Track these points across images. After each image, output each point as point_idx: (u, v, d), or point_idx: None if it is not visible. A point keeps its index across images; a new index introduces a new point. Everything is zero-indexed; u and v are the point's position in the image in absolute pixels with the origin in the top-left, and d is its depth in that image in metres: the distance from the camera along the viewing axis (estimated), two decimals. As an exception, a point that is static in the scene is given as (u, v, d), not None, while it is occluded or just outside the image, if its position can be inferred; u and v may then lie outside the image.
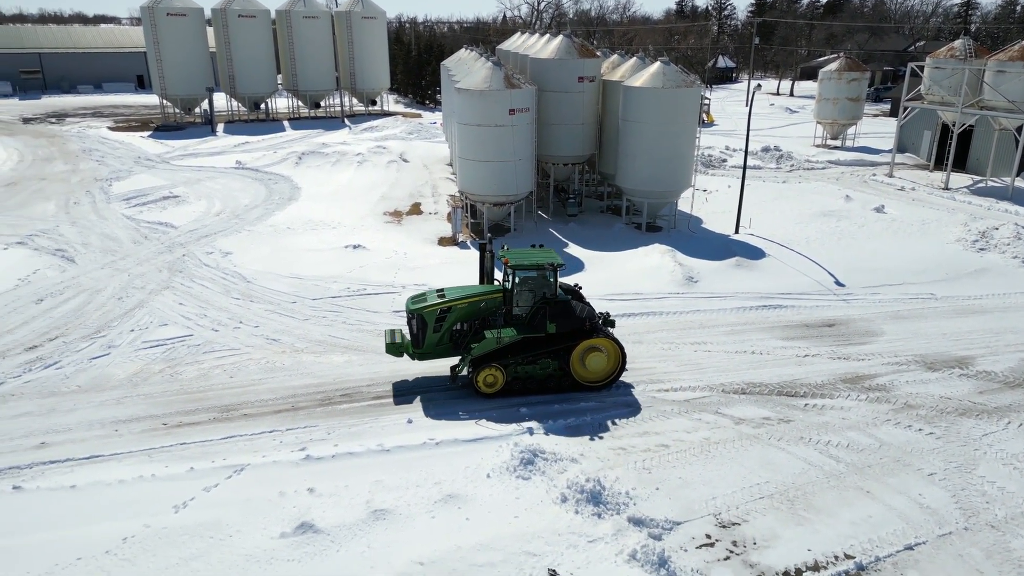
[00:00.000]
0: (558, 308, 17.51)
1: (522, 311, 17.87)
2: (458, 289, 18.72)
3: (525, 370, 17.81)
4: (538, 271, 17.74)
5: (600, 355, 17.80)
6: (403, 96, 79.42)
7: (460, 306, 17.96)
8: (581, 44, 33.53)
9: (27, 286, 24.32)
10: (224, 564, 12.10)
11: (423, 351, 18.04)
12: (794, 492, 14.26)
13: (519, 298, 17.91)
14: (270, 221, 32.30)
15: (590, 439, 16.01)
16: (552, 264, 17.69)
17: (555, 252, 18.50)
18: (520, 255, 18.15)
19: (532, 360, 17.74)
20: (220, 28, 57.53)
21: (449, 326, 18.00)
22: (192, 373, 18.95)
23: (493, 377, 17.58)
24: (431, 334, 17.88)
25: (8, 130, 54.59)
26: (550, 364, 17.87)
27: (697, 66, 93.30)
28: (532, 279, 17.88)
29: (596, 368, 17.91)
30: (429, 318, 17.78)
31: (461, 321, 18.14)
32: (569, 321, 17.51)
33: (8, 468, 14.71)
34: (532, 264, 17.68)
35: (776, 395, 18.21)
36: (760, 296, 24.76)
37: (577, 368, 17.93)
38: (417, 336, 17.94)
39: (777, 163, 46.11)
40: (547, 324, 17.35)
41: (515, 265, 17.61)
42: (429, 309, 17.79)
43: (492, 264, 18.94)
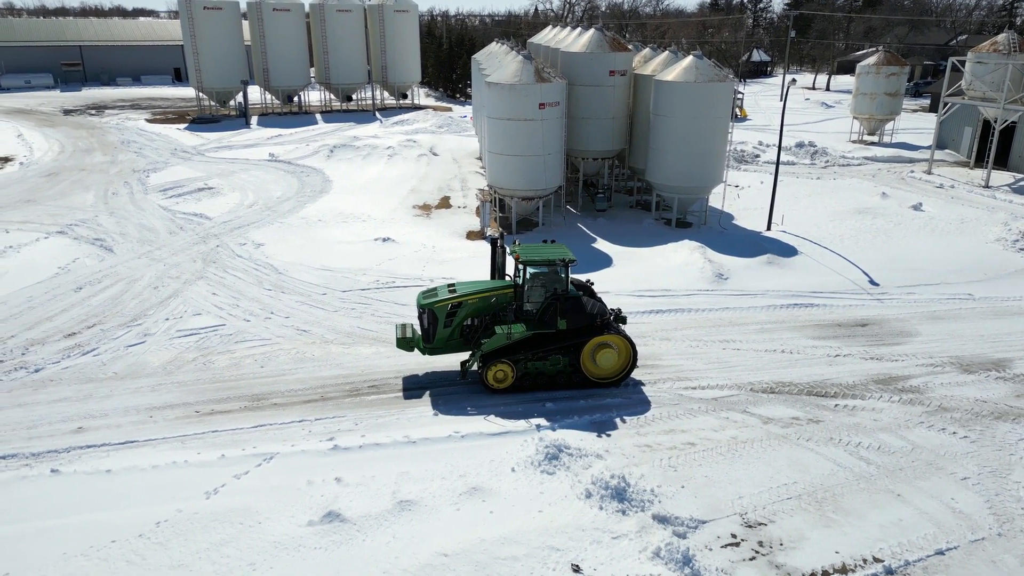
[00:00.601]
0: (569, 304, 17.40)
1: (533, 307, 17.78)
2: (469, 284, 18.73)
3: (535, 366, 17.74)
4: (549, 267, 17.66)
5: (611, 352, 17.67)
6: (434, 90, 79.67)
7: (471, 301, 17.91)
8: (613, 38, 33.30)
9: (67, 274, 24.96)
10: (253, 550, 12.34)
11: (434, 346, 18.05)
12: (823, 493, 14.09)
13: (530, 294, 17.85)
14: (302, 213, 32.69)
15: (615, 435, 15.97)
16: (563, 260, 17.58)
17: (567, 248, 18.35)
18: (532, 251, 18.04)
19: (542, 356, 17.66)
20: (255, 21, 58.26)
21: (460, 321, 17.96)
22: (224, 362, 19.30)
23: (503, 373, 17.54)
24: (442, 329, 17.88)
25: (50, 121, 55.94)
26: (560, 361, 17.78)
27: (731, 60, 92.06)
28: (543, 275, 17.82)
29: (607, 365, 17.79)
30: (440, 313, 17.79)
31: (472, 316, 18.07)
32: (580, 317, 17.41)
33: (47, 452, 15.15)
34: (543, 260, 17.59)
35: (806, 395, 17.97)
36: (791, 294, 24.42)
37: (588, 365, 17.84)
38: (428, 331, 17.95)
39: (811, 159, 45.36)
40: (558, 320, 17.28)
41: (526, 261, 17.52)
42: (440, 304, 17.80)
43: (503, 259, 18.85)
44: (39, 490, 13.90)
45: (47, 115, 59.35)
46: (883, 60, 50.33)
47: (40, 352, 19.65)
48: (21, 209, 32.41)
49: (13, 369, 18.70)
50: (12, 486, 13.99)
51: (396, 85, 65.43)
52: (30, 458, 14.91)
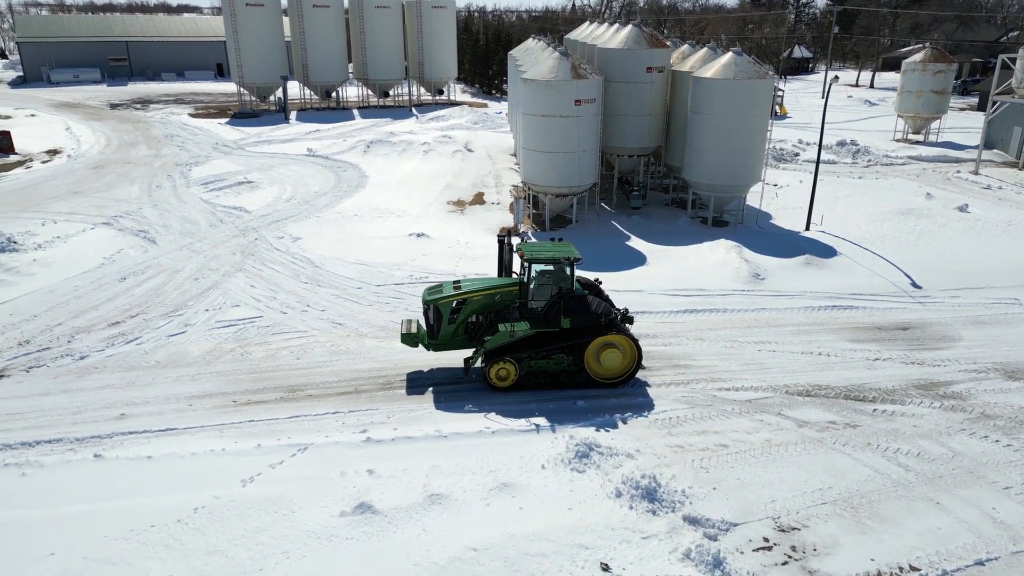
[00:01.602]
0: (574, 303, 17.30)
1: (538, 305, 17.71)
2: (475, 281, 18.75)
3: (539, 365, 17.64)
4: (555, 265, 17.55)
5: (615, 352, 17.51)
6: (470, 86, 79.88)
7: (475, 298, 17.88)
8: (651, 34, 33.00)
9: (112, 265, 25.66)
10: (287, 538, 12.57)
11: (438, 342, 18.08)
12: (858, 499, 13.83)
13: (535, 292, 17.78)
14: (338, 208, 33.09)
15: (646, 435, 15.88)
16: (568, 258, 17.45)
17: (573, 246, 18.20)
18: (537, 248, 17.96)
19: (546, 355, 17.57)
20: (295, 17, 59.07)
21: (464, 318, 17.94)
22: (261, 353, 19.66)
23: (506, 371, 17.49)
24: (446, 325, 17.90)
25: (97, 115, 57.49)
26: (564, 360, 17.68)
27: (771, 56, 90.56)
28: (549, 273, 17.73)
29: (611, 365, 17.64)
30: (444, 309, 17.81)
31: (477, 313, 18.03)
32: (584, 317, 17.29)
33: (90, 437, 15.63)
34: (548, 258, 17.49)
35: (843, 399, 17.64)
36: (830, 296, 23.98)
37: (592, 364, 17.72)
38: (433, 327, 17.99)
39: (853, 158, 44.41)
40: (562, 319, 17.19)
41: (531, 258, 17.44)
42: (444, 301, 17.83)
43: (511, 257, 18.78)
44: (83, 474, 14.34)
45: (94, 109, 60.99)
46: (930, 57, 49.00)
47: (85, 340, 20.25)
48: (68, 200, 33.39)
49: (60, 356, 19.31)
50: (57, 469, 14.46)
51: (432, 81, 65.76)
52: (75, 443, 15.39)
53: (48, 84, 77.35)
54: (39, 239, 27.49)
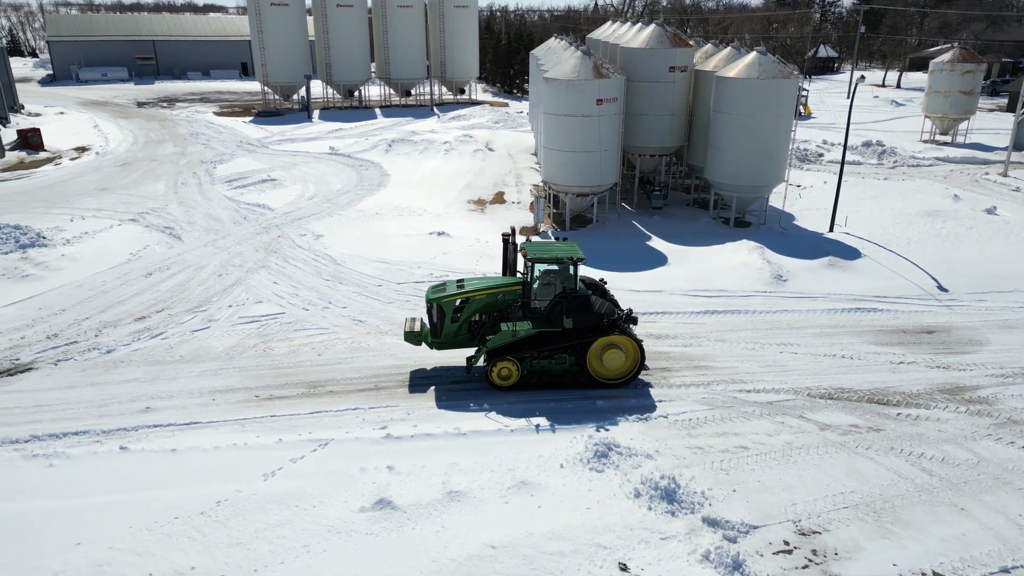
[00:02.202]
0: (576, 303, 17.25)
1: (541, 305, 17.67)
2: (478, 280, 18.77)
3: (541, 364, 17.59)
4: (558, 264, 17.51)
5: (618, 353, 17.43)
6: (491, 85, 79.97)
7: (478, 297, 17.89)
8: (674, 33, 32.84)
9: (138, 260, 26.06)
10: (307, 532, 12.70)
11: (441, 341, 18.10)
12: (881, 504, 13.67)
13: (538, 291, 17.74)
14: (360, 206, 33.32)
15: (666, 436, 15.82)
16: (571, 258, 17.39)
17: (578, 246, 18.12)
18: (541, 248, 17.90)
19: (548, 355, 17.53)
20: (319, 17, 59.55)
21: (467, 317, 17.95)
22: (283, 349, 19.86)
23: (508, 370, 17.46)
24: (449, 324, 17.91)
25: (124, 113, 58.39)
26: (567, 360, 17.62)
27: (796, 56, 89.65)
28: (552, 272, 17.69)
29: (614, 366, 17.57)
30: (447, 308, 17.82)
31: (480, 312, 18.02)
32: (587, 317, 17.23)
33: (116, 429, 15.89)
34: (551, 257, 17.45)
35: (866, 402, 17.45)
36: (853, 298, 23.71)
37: (594, 365, 17.66)
38: (436, 326, 18.01)
39: (879, 159, 43.84)
40: (564, 319, 17.15)
41: (534, 258, 17.40)
42: (447, 299, 17.84)
43: (515, 256, 18.72)
44: (108, 466, 14.59)
45: (122, 107, 61.93)
46: (958, 57, 48.23)
47: (112, 334, 20.59)
48: (96, 197, 33.95)
49: (87, 350, 19.65)
50: (84, 461, 14.72)
51: (454, 80, 65.95)
52: (101, 435, 15.66)
53: (77, 82, 78.66)
54: (67, 235, 27.99)
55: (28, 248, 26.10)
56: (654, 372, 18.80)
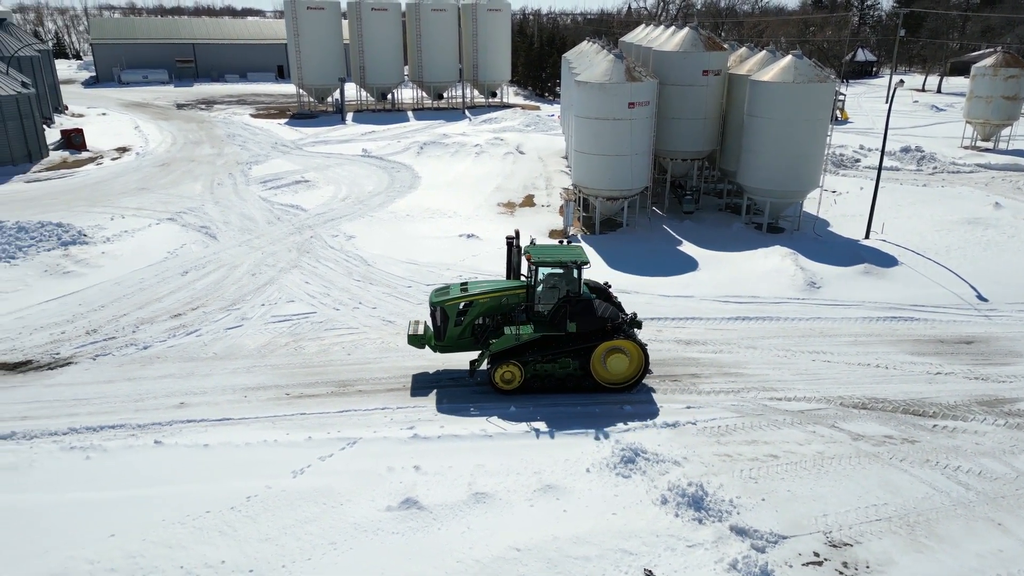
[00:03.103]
0: (579, 307, 17.16)
1: (544, 308, 17.60)
2: (482, 283, 18.77)
3: (544, 368, 17.53)
4: (562, 268, 17.43)
5: (622, 357, 17.30)
6: (523, 88, 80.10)
7: (482, 300, 17.85)
8: (708, 36, 32.58)
9: (175, 259, 26.61)
10: (334, 530, 12.83)
11: (445, 344, 18.09)
12: (915, 517, 13.38)
13: (542, 295, 17.68)
14: (391, 208, 33.60)
15: (694, 443, 15.67)
16: (576, 262, 17.30)
17: (582, 250, 18.05)
18: (545, 251, 17.85)
19: (552, 359, 17.44)
20: (354, 21, 60.22)
21: (471, 320, 17.93)
22: (314, 348, 20.11)
23: (511, 374, 17.40)
24: (452, 327, 17.89)
25: (164, 115, 59.68)
26: (570, 364, 17.53)
27: (833, 60, 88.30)
28: (555, 276, 17.61)
29: (617, 370, 17.44)
30: (451, 311, 17.82)
31: (483, 315, 17.99)
32: (590, 321, 17.13)
33: (151, 424, 16.24)
34: (555, 261, 17.37)
35: (901, 413, 17.09)
36: (889, 306, 23.25)
37: (598, 369, 17.56)
38: (440, 329, 18.01)
39: (918, 165, 42.94)
40: (567, 323, 17.06)
41: (538, 261, 17.34)
42: (451, 302, 17.83)
43: (519, 259, 18.62)
44: (143, 459, 14.92)
45: (162, 109, 63.32)
46: (1002, 61, 47.05)
47: (149, 331, 21.04)
48: (136, 196, 34.74)
49: (125, 345, 20.12)
50: (119, 454, 15.07)
51: (486, 83, 66.20)
52: (136, 429, 16.02)
53: (119, 84, 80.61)
54: (108, 233, 28.68)
55: (70, 245, 26.81)
56: (682, 378, 18.65)
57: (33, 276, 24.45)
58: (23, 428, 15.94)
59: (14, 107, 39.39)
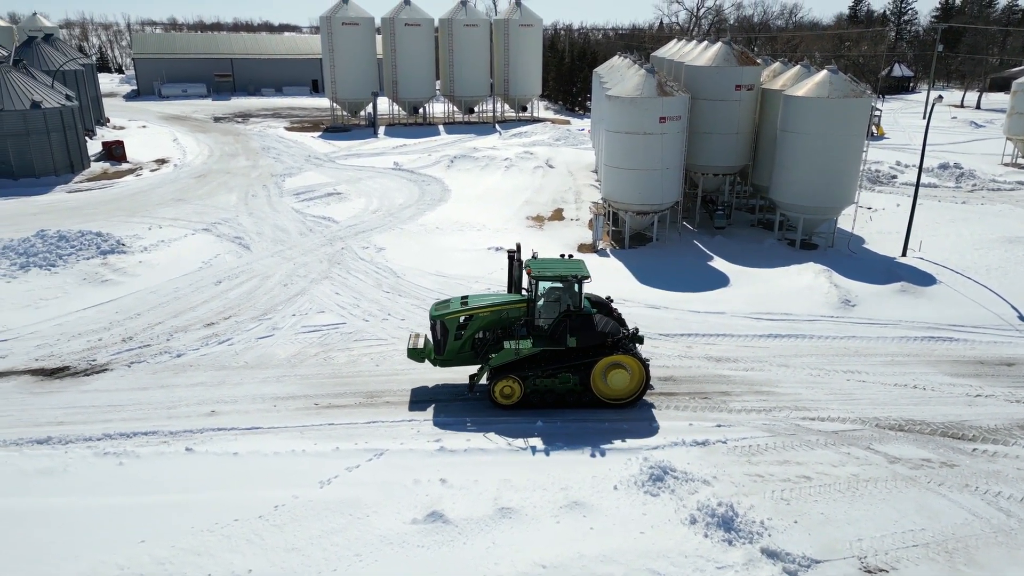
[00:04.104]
0: (579, 322, 17.00)
1: (545, 323, 17.45)
2: (482, 297, 18.71)
3: (544, 383, 17.38)
4: (562, 282, 17.27)
5: (623, 373, 17.09)
6: (553, 102, 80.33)
7: (482, 314, 17.78)
8: (741, 51, 32.38)
9: (209, 269, 27.06)
10: (360, 542, 12.83)
11: (444, 358, 18.02)
12: (954, 543, 12.96)
13: (542, 309, 17.54)
14: (421, 220, 33.83)
15: (724, 462, 15.41)
16: (576, 276, 17.13)
17: (584, 264, 17.89)
18: (545, 265, 17.72)
19: (552, 374, 17.28)
20: (388, 36, 61.03)
21: (471, 334, 17.85)
22: (343, 359, 20.25)
23: (510, 389, 17.28)
24: (452, 341, 17.83)
25: (202, 128, 60.98)
26: (570, 379, 17.36)
27: (869, 75, 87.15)
28: (556, 290, 17.47)
29: (618, 386, 17.23)
30: (450, 325, 17.76)
31: (483, 329, 17.90)
32: (590, 336, 16.97)
33: (183, 431, 16.46)
34: (555, 275, 17.23)
35: (939, 435, 16.62)
36: (927, 326, 22.71)
37: (599, 385, 17.37)
38: (440, 343, 17.94)
39: (956, 182, 42.03)
40: (567, 338, 16.89)
41: (537, 275, 17.21)
42: (450, 316, 17.77)
43: (520, 273, 18.48)
44: (174, 466, 15.11)
45: (200, 122, 64.71)
46: (1045, 76, 45.94)
47: (183, 339, 21.39)
48: (173, 207, 35.47)
49: (159, 353, 20.47)
50: (151, 461, 15.29)
51: (517, 98, 66.52)
52: (168, 436, 16.25)
53: (159, 98, 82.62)
54: (145, 242, 29.29)
55: (108, 254, 27.42)
56: (713, 396, 18.39)
57: (72, 284, 25.04)
58: (59, 433, 16.26)
59: (58, 119, 40.59)
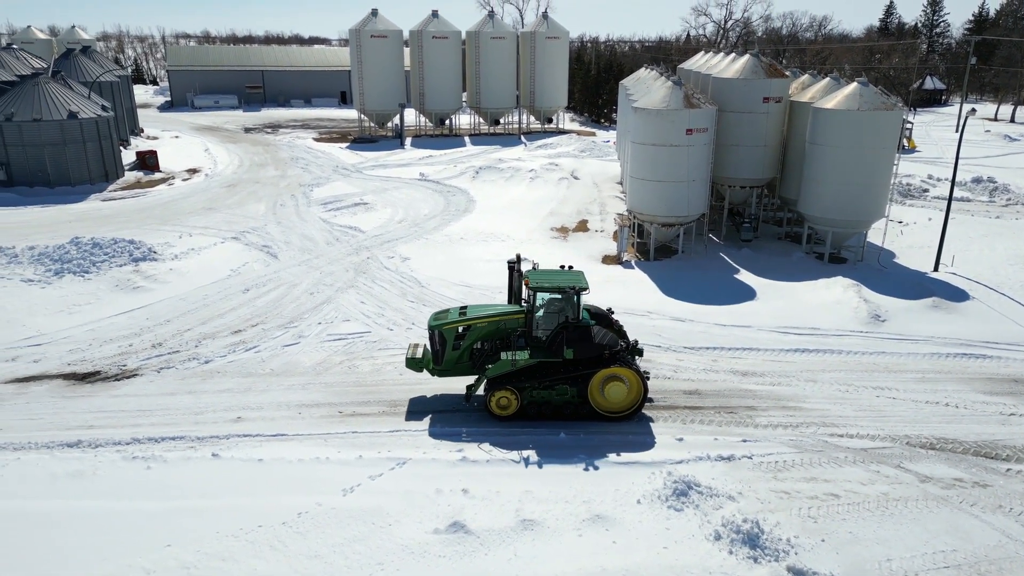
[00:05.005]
0: (577, 333, 16.88)
1: (543, 334, 17.37)
2: (481, 307, 18.70)
3: (541, 395, 17.29)
4: (561, 294, 17.18)
5: (620, 385, 16.95)
6: (579, 114, 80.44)
7: (480, 325, 17.76)
8: (769, 63, 32.18)
9: (237, 277, 27.44)
10: (382, 551, 12.85)
11: (443, 368, 18.04)
12: (986, 566, 12.63)
13: (540, 320, 17.46)
14: (446, 231, 34.00)
15: (750, 478, 15.19)
16: (574, 287, 17.05)
17: (583, 276, 17.80)
18: (544, 276, 17.66)
19: (549, 385, 17.17)
20: (416, 48, 61.68)
21: (469, 344, 17.84)
22: (367, 367, 20.37)
23: (507, 400, 17.21)
24: (450, 351, 17.84)
25: (232, 138, 62.03)
26: (568, 391, 17.24)
27: (900, 87, 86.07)
28: (555, 301, 17.39)
29: (616, 399, 17.10)
30: (448, 335, 17.76)
31: (482, 340, 17.88)
32: (588, 348, 16.86)
33: (209, 437, 16.66)
34: (553, 286, 17.15)
35: (972, 455, 16.24)
36: (960, 343, 22.24)
37: (596, 397, 17.24)
38: (438, 353, 17.96)
39: (990, 196, 41.23)
40: (564, 349, 16.80)
41: (535, 286, 17.15)
42: (448, 326, 17.77)
43: (520, 284, 18.41)
44: (200, 471, 15.28)
45: (230, 132, 65.84)
46: (1083, 89, 44.98)
47: (210, 345, 21.68)
48: (203, 216, 36.07)
49: (187, 359, 20.76)
50: (178, 466, 15.49)
51: (542, 110, 66.74)
52: (195, 441, 16.45)
53: (191, 109, 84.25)
54: (176, 250, 29.80)
55: (140, 261, 27.95)
56: (738, 410, 18.17)
57: (105, 290, 25.54)
58: (89, 436, 16.55)
59: (94, 129, 41.57)
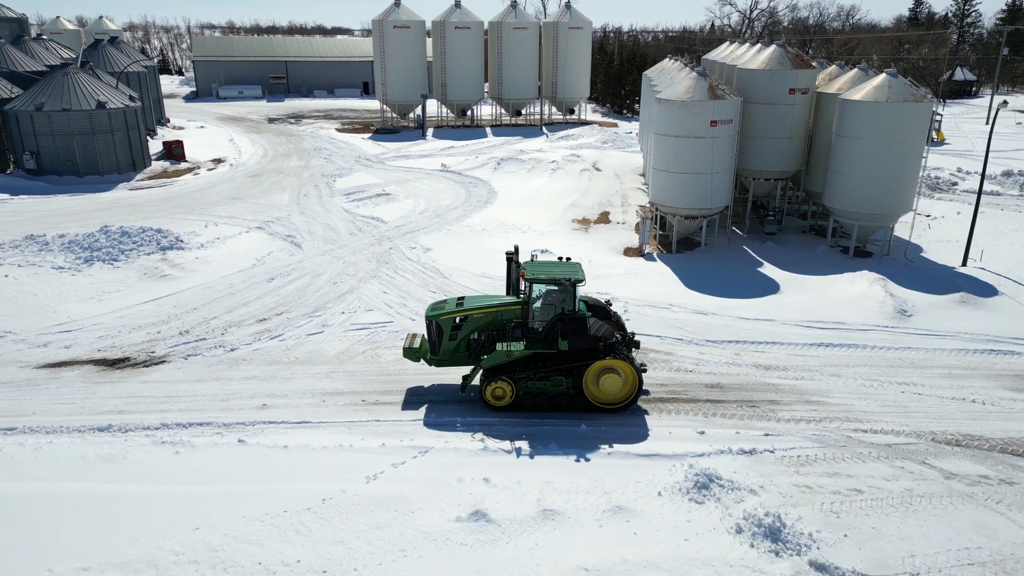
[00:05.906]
0: (572, 325, 16.90)
1: (539, 325, 17.39)
2: (478, 298, 18.78)
3: (536, 386, 17.36)
4: (557, 285, 17.18)
5: (615, 377, 16.94)
6: (601, 105, 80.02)
7: (476, 315, 17.85)
8: (795, 54, 31.78)
9: (262, 266, 27.76)
10: (404, 538, 13.02)
11: (439, 358, 18.18)
12: (1012, 564, 12.51)
13: (537, 312, 17.49)
14: (467, 222, 34.09)
15: (772, 472, 15.15)
16: (570, 279, 17.05)
17: (580, 267, 17.81)
18: (541, 268, 17.70)
19: (544, 376, 17.23)
20: (438, 39, 61.68)
21: (466, 335, 17.94)
22: (390, 357, 20.55)
23: (502, 391, 17.29)
24: (447, 342, 17.95)
25: (256, 129, 62.55)
26: (563, 382, 17.28)
27: (929, 79, 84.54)
28: (551, 293, 17.41)
29: (610, 391, 17.10)
30: (445, 326, 17.87)
31: (478, 331, 17.97)
32: (582, 339, 16.87)
33: (236, 423, 16.94)
34: (549, 278, 17.17)
35: (999, 452, 16.04)
36: (988, 339, 21.92)
37: (591, 389, 17.25)
38: (435, 343, 18.09)
39: (1021, 190, 40.45)
40: (559, 341, 16.83)
41: (532, 278, 17.18)
42: (445, 317, 17.88)
43: (518, 275, 18.41)
44: (227, 457, 15.55)
45: (254, 123, 66.39)
46: (1120, 80, 43.88)
47: (236, 334, 22.00)
48: (228, 205, 36.48)
49: (214, 347, 21.09)
50: (206, 451, 15.77)
51: (564, 100, 66.47)
52: (222, 427, 16.74)
53: (216, 99, 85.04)
54: (202, 239, 30.20)
55: (168, 250, 28.37)
56: (761, 404, 18.10)
57: (133, 278, 25.98)
58: (119, 421, 16.91)
59: (122, 119, 42.15)
